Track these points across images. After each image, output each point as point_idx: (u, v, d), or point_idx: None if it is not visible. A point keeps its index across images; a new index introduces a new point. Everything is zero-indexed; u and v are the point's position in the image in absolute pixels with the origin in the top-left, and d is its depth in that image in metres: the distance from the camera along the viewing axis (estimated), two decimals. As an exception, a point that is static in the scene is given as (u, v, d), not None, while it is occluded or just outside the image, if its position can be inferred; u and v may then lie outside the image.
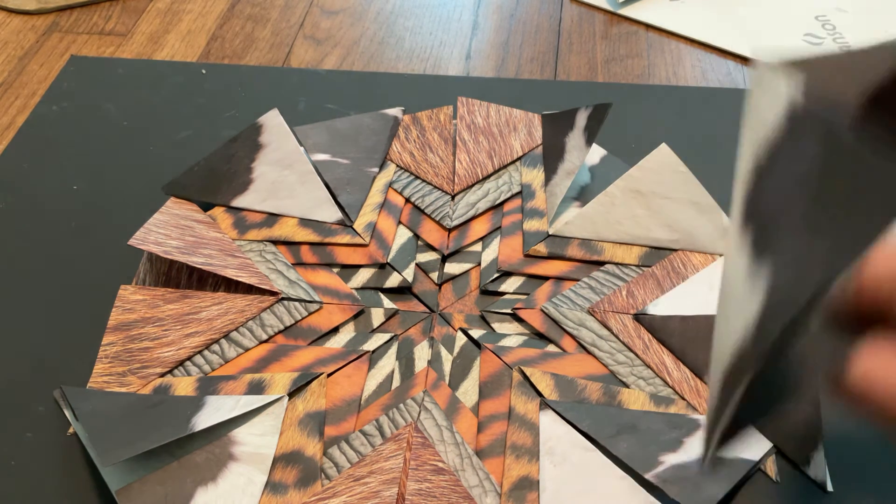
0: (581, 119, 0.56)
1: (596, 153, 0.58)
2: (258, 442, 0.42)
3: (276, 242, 0.52)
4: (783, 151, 0.22)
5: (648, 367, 0.46)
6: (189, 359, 0.46)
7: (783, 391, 0.21)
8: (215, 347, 0.47)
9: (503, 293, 0.50)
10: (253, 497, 0.40)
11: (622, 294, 0.49)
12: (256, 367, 0.46)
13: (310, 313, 0.49)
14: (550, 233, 0.52)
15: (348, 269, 0.51)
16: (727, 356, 0.22)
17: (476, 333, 0.48)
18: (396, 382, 0.46)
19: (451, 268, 0.52)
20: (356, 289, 0.50)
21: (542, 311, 0.48)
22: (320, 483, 0.41)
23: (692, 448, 0.41)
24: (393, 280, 0.51)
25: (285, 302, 0.49)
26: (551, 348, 0.47)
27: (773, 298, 0.20)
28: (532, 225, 0.53)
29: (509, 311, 0.49)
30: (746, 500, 0.41)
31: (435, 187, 0.56)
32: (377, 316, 0.49)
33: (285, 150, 0.57)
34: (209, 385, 0.45)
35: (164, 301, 0.49)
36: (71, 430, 0.44)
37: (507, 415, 0.44)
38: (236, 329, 0.48)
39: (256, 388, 0.45)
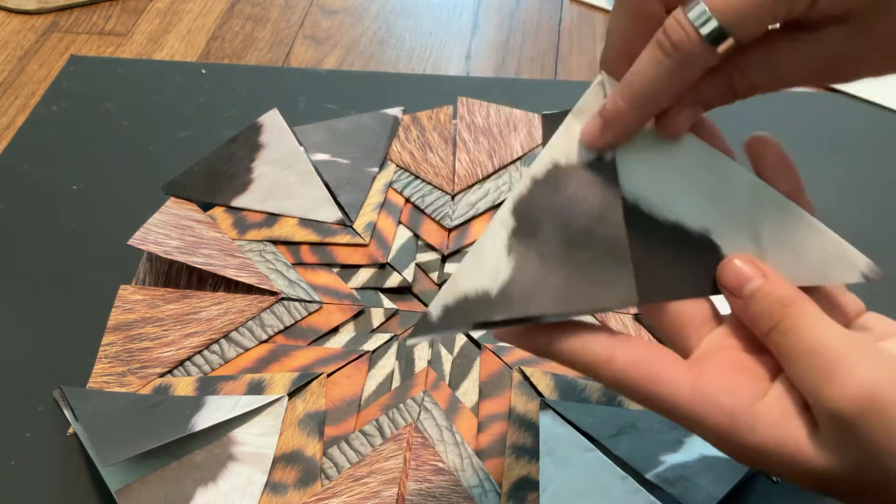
0: (581, 119, 0.56)
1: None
2: (258, 442, 0.42)
3: (276, 242, 0.52)
4: (559, 184, 0.30)
5: (648, 367, 0.46)
6: (189, 359, 0.46)
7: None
8: (215, 347, 0.47)
9: (503, 293, 0.50)
10: (253, 497, 0.40)
11: (622, 294, 0.49)
12: (256, 367, 0.46)
13: (310, 313, 0.49)
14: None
15: (348, 269, 0.51)
16: (473, 291, 0.29)
17: (476, 333, 0.48)
18: (396, 382, 0.46)
19: (452, 268, 0.52)
20: (356, 289, 0.50)
21: (542, 311, 0.48)
22: (320, 483, 0.41)
23: (692, 448, 0.41)
24: (393, 280, 0.51)
25: (285, 302, 0.49)
26: (551, 348, 0.47)
27: (513, 285, 0.29)
28: (532, 225, 0.53)
29: (509, 311, 0.49)
30: (746, 500, 0.41)
31: (435, 187, 0.56)
32: (377, 316, 0.49)
33: (285, 150, 0.57)
34: (209, 385, 0.45)
35: (164, 301, 0.49)
36: (71, 430, 0.44)
37: (507, 415, 0.44)
38: (236, 329, 0.48)
39: (256, 388, 0.45)
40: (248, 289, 0.49)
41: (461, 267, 0.30)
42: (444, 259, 0.52)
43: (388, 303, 0.50)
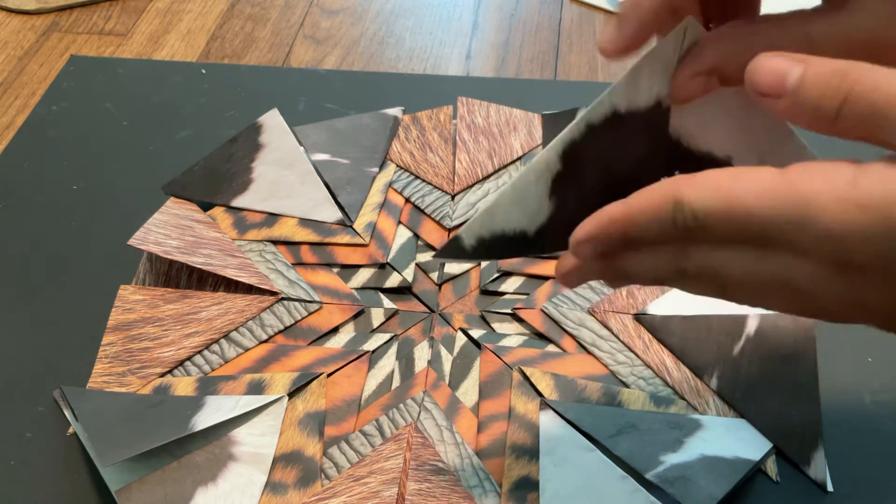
0: (581, 119, 0.56)
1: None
2: (258, 442, 0.42)
3: (276, 242, 0.52)
4: (613, 130, 0.30)
5: (648, 367, 0.46)
6: (189, 359, 0.46)
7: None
8: (215, 347, 0.47)
9: (503, 293, 0.50)
10: (253, 497, 0.40)
11: (622, 294, 0.49)
12: (256, 367, 0.46)
13: (310, 313, 0.49)
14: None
15: (348, 269, 0.51)
16: (511, 229, 0.30)
17: (476, 333, 0.48)
18: (396, 382, 0.46)
19: (451, 268, 0.52)
20: (356, 289, 0.50)
21: (542, 311, 0.48)
22: (320, 483, 0.41)
23: (692, 448, 0.41)
24: (393, 280, 0.51)
25: (285, 302, 0.49)
26: (551, 348, 0.47)
27: (550, 228, 0.30)
28: (532, 225, 0.53)
29: (509, 311, 0.49)
30: (746, 500, 0.41)
31: (435, 187, 0.56)
32: (377, 316, 0.49)
33: (285, 150, 0.57)
34: (209, 385, 0.45)
35: (164, 301, 0.49)
36: (71, 430, 0.44)
37: (507, 415, 0.44)
38: (236, 329, 0.48)
39: (256, 388, 0.45)
40: (248, 289, 0.49)
41: (499, 199, 0.30)
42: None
43: (388, 303, 0.50)
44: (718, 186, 0.26)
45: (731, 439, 0.42)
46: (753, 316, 0.46)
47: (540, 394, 0.44)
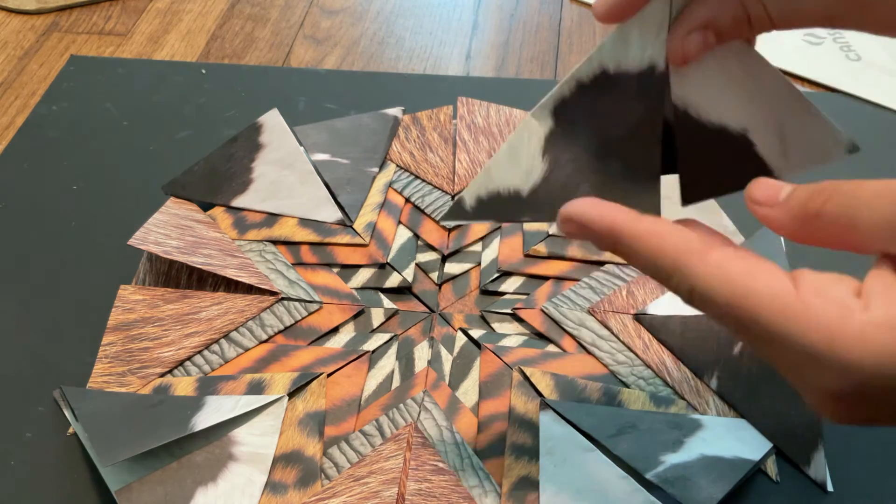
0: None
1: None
2: (258, 442, 0.42)
3: (276, 242, 0.52)
4: (604, 90, 0.30)
5: (648, 367, 0.46)
6: (189, 359, 0.46)
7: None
8: (215, 347, 0.47)
9: (503, 293, 0.50)
10: (253, 497, 0.40)
11: (622, 294, 0.49)
12: (256, 367, 0.46)
13: (310, 313, 0.49)
14: (550, 232, 0.52)
15: (348, 269, 0.51)
16: (506, 188, 0.31)
17: (476, 333, 0.48)
18: (396, 382, 0.46)
19: (451, 268, 0.52)
20: (356, 289, 0.50)
21: (542, 311, 0.48)
22: (320, 483, 0.41)
23: (692, 448, 0.41)
24: (393, 280, 0.51)
25: (285, 302, 0.49)
26: (551, 348, 0.47)
27: (544, 189, 0.30)
28: (532, 225, 0.53)
29: (509, 311, 0.49)
30: (746, 500, 0.41)
31: (435, 187, 0.56)
32: (377, 316, 0.49)
33: (285, 149, 0.57)
34: (209, 385, 0.45)
35: (164, 301, 0.49)
36: (71, 430, 0.44)
37: (507, 415, 0.44)
38: (236, 329, 0.48)
39: (256, 389, 0.45)
40: (248, 289, 0.49)
41: (496, 158, 0.30)
42: (444, 259, 0.52)
43: (388, 303, 0.50)
44: (729, 279, 0.26)
45: (731, 439, 0.42)
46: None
47: (540, 394, 0.44)
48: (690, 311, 0.47)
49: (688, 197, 0.32)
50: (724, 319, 0.27)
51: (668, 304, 0.48)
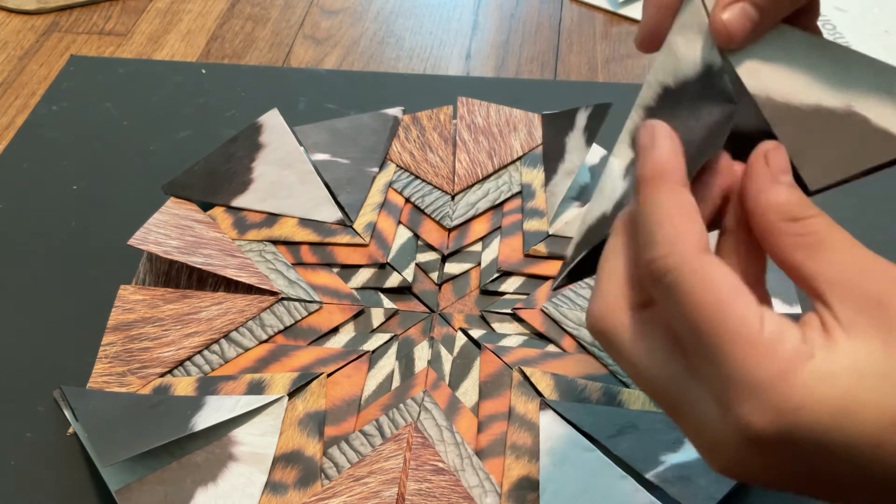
0: (581, 119, 0.56)
1: (596, 153, 0.58)
2: (258, 442, 0.42)
3: (276, 242, 0.52)
4: (672, 106, 0.30)
5: (648, 367, 0.46)
6: (189, 359, 0.46)
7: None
8: (215, 347, 0.47)
9: (503, 293, 0.50)
10: (253, 497, 0.40)
11: (622, 294, 0.49)
12: (256, 367, 0.46)
13: (310, 313, 0.49)
14: (550, 233, 0.52)
15: (348, 269, 0.51)
16: (593, 218, 0.31)
17: (476, 333, 0.48)
18: (396, 382, 0.46)
19: (451, 268, 0.52)
20: (356, 289, 0.50)
21: (542, 311, 0.48)
22: (320, 483, 0.41)
23: (692, 448, 0.41)
24: (393, 280, 0.51)
25: (285, 302, 0.49)
26: (551, 348, 0.47)
27: (626, 200, 0.29)
28: (532, 225, 0.53)
29: (509, 311, 0.49)
30: (746, 500, 0.41)
31: (435, 187, 0.56)
32: (377, 316, 0.49)
33: (285, 150, 0.57)
34: (209, 385, 0.45)
35: (164, 301, 0.49)
36: (71, 430, 0.44)
37: (507, 415, 0.44)
38: (236, 329, 0.48)
39: (256, 388, 0.45)
40: (248, 289, 0.49)
41: (588, 207, 0.31)
42: (444, 259, 0.52)
43: (388, 303, 0.50)
44: (712, 287, 0.25)
45: (731, 439, 0.42)
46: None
47: (540, 394, 0.44)
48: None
49: (813, 184, 0.30)
50: (677, 319, 0.26)
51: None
